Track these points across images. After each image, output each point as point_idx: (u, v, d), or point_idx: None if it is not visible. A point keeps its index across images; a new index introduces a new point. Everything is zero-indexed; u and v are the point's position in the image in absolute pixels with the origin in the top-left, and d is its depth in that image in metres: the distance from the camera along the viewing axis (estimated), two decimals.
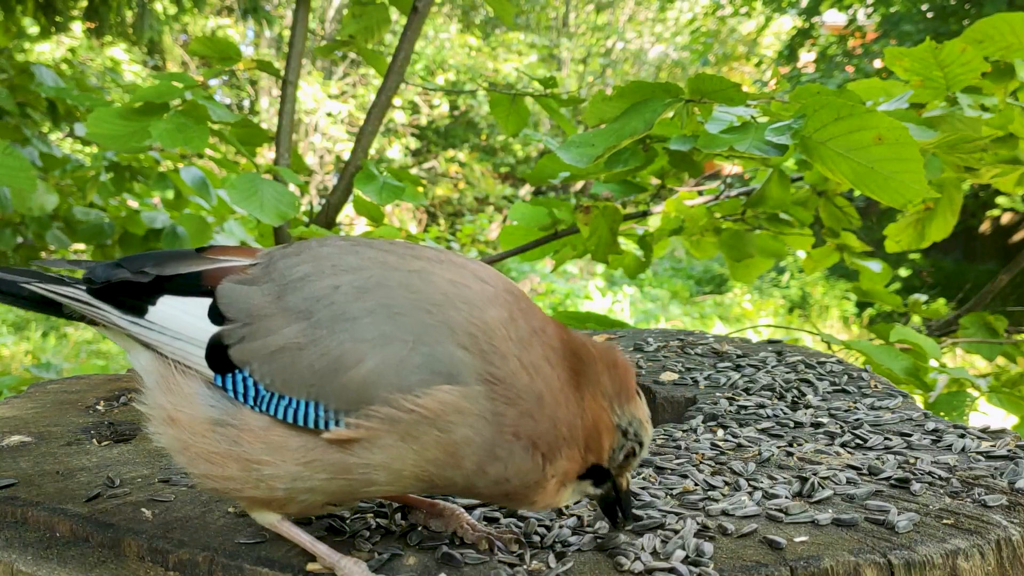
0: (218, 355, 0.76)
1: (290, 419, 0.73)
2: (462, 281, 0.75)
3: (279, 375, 0.73)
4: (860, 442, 1.06)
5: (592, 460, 0.77)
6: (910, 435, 1.08)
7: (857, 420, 1.14)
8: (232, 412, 0.75)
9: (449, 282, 0.75)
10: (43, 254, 4.12)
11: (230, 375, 0.75)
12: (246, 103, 12.88)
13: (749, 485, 0.92)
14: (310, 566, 0.75)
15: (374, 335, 0.71)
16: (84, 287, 0.83)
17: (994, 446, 1.03)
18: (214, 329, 0.77)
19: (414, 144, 12.87)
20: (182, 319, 0.78)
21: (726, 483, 0.93)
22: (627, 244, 2.43)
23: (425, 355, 0.71)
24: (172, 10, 5.12)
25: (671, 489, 0.92)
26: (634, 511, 0.84)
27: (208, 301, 0.78)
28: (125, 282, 0.81)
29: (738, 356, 1.48)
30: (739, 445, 1.06)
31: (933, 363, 1.85)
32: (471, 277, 0.76)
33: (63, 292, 0.83)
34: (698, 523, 0.82)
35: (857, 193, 1.54)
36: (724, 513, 0.85)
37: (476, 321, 0.72)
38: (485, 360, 0.72)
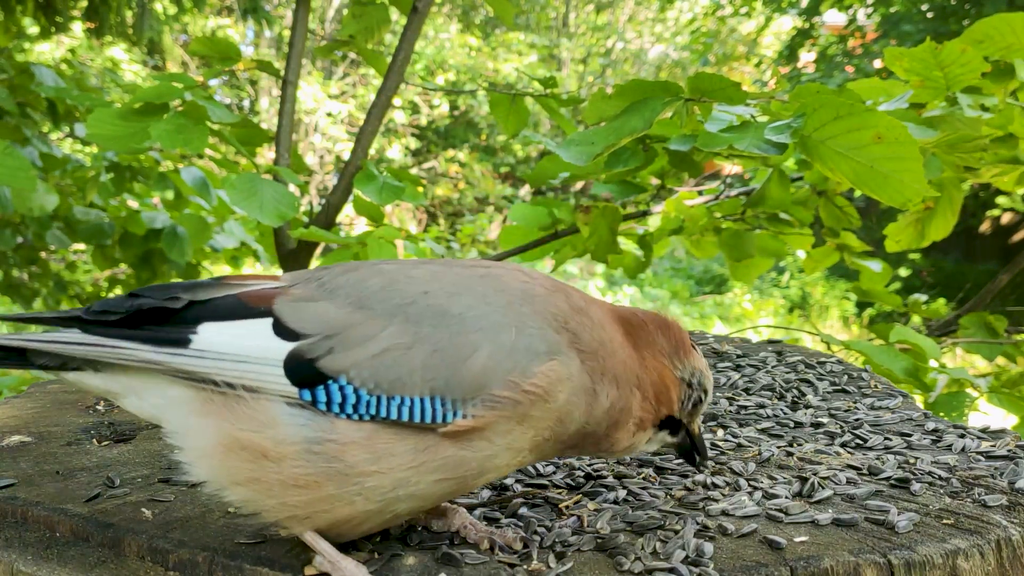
0: (301, 370, 0.73)
1: (405, 417, 0.72)
2: (526, 279, 0.82)
3: (385, 376, 0.72)
4: (860, 442, 1.06)
5: (665, 412, 0.86)
6: (910, 435, 1.08)
7: (857, 420, 1.14)
8: (326, 428, 0.73)
9: (519, 280, 0.81)
10: (43, 254, 4.12)
11: (321, 387, 0.73)
12: (246, 103, 12.88)
13: (749, 485, 0.92)
14: (308, 570, 0.75)
15: (483, 325, 0.75)
16: (77, 328, 0.78)
17: (994, 446, 1.03)
18: (288, 345, 0.74)
19: (414, 144, 12.87)
20: (242, 342, 0.75)
21: (726, 483, 0.93)
22: (627, 244, 2.43)
23: (530, 337, 0.76)
24: (172, 10, 5.13)
25: (671, 489, 0.92)
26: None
27: (266, 321, 0.76)
28: (153, 310, 0.77)
29: (738, 356, 1.48)
30: (739, 445, 1.06)
31: (933, 363, 1.85)
32: (526, 276, 0.83)
33: (50, 340, 0.78)
34: (698, 523, 0.82)
35: (857, 193, 1.54)
36: (724, 513, 0.85)
37: (552, 308, 0.80)
38: (570, 334, 0.79)
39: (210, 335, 0.76)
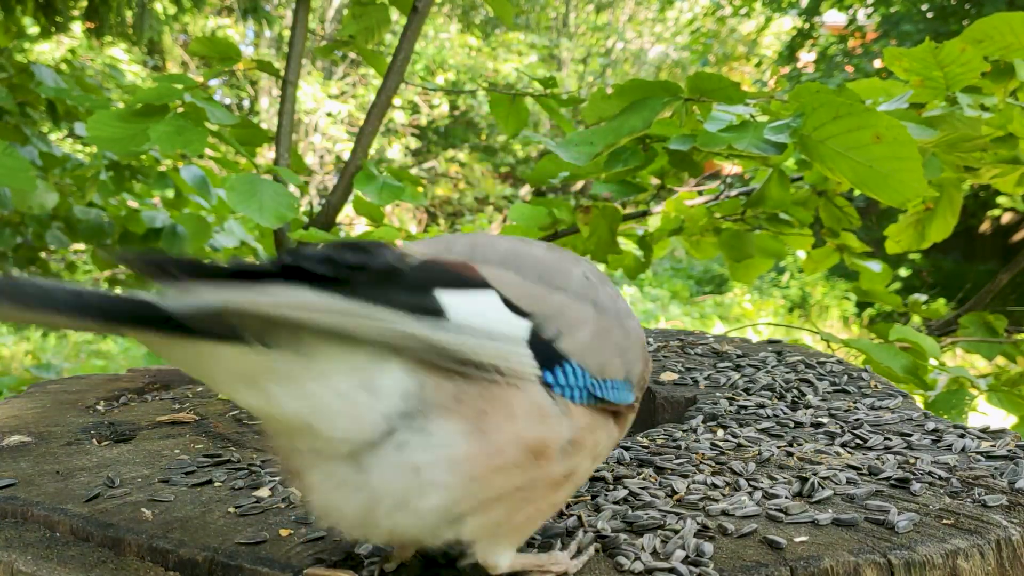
0: (542, 350, 0.65)
1: (618, 400, 0.71)
2: (583, 262, 0.81)
3: (600, 359, 0.70)
4: (860, 442, 1.06)
5: None
6: (910, 435, 1.08)
7: (857, 420, 1.14)
8: (567, 413, 0.66)
9: (583, 262, 0.81)
10: (43, 254, 4.12)
11: (559, 369, 0.65)
12: (246, 103, 12.88)
13: (749, 485, 0.92)
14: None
15: (626, 310, 0.77)
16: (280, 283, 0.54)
17: (994, 446, 1.03)
18: (524, 322, 0.64)
19: (414, 144, 12.87)
20: (484, 316, 0.62)
21: (726, 483, 0.93)
22: (627, 244, 2.43)
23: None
24: (172, 10, 5.12)
25: (671, 489, 0.92)
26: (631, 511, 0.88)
27: (492, 294, 0.64)
28: (388, 273, 0.59)
29: (738, 356, 1.48)
30: (739, 445, 1.06)
31: (933, 362, 1.85)
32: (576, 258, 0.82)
33: (269, 297, 0.53)
34: (698, 523, 0.82)
35: (857, 193, 1.54)
36: (724, 513, 0.85)
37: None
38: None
39: (458, 304, 0.60)
